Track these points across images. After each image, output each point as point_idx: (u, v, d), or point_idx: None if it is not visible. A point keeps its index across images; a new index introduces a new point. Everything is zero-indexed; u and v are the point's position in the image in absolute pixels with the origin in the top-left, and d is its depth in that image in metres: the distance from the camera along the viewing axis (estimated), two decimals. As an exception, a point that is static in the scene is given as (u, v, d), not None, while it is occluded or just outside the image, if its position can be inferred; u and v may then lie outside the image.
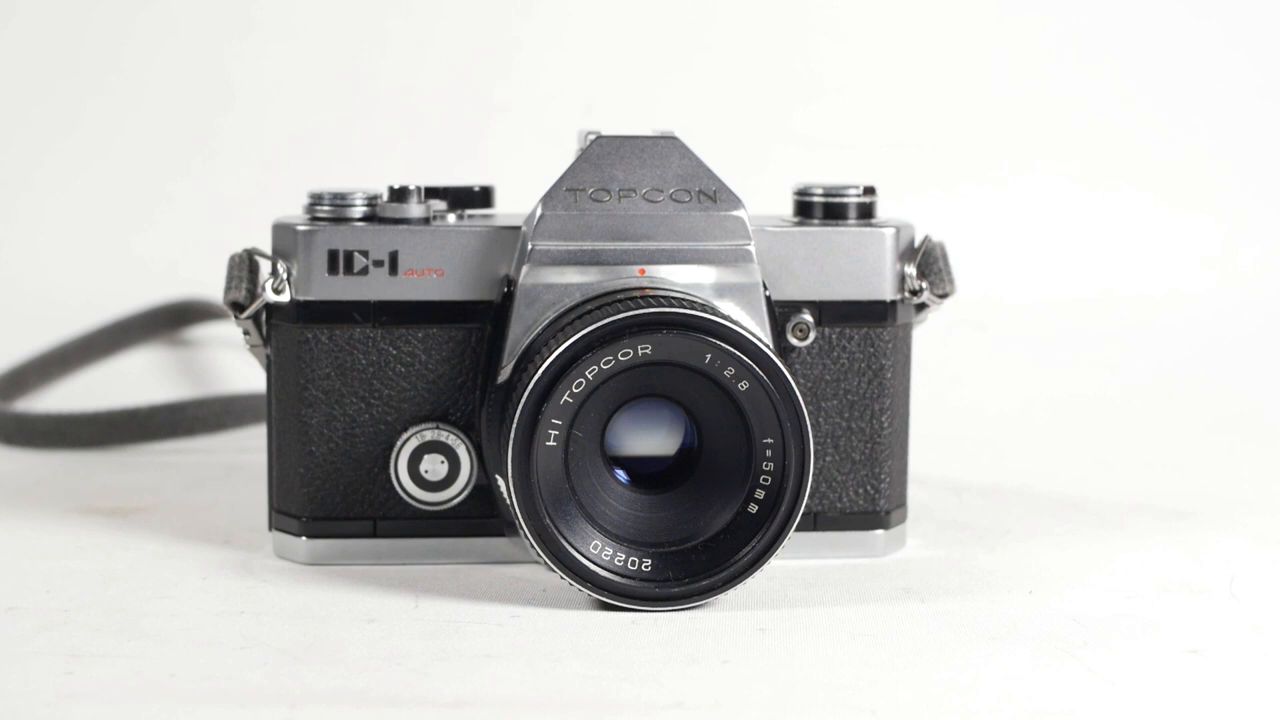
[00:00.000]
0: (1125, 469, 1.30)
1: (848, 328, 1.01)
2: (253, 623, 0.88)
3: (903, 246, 1.02)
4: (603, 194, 0.97)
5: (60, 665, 0.82)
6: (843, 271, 1.00)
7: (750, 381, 0.90)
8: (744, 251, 0.97)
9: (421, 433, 0.98)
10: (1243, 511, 1.16)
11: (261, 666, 0.82)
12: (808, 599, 0.94)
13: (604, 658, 0.85)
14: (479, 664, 0.84)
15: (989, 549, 1.05)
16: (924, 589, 0.96)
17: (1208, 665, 0.85)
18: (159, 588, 0.94)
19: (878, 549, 1.03)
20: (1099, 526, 1.12)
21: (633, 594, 0.91)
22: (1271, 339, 1.65)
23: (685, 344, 0.90)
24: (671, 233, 0.97)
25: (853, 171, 1.11)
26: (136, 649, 0.84)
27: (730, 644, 0.87)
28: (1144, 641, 0.88)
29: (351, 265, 0.97)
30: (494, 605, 0.93)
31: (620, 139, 0.97)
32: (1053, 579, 0.99)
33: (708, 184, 0.98)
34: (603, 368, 0.89)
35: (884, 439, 1.02)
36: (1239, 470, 1.30)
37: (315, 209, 0.99)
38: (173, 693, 0.79)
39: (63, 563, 0.99)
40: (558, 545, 0.90)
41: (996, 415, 1.47)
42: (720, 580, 0.91)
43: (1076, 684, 0.82)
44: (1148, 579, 1.00)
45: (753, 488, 0.91)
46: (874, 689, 0.81)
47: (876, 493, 1.02)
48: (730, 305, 0.95)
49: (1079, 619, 0.91)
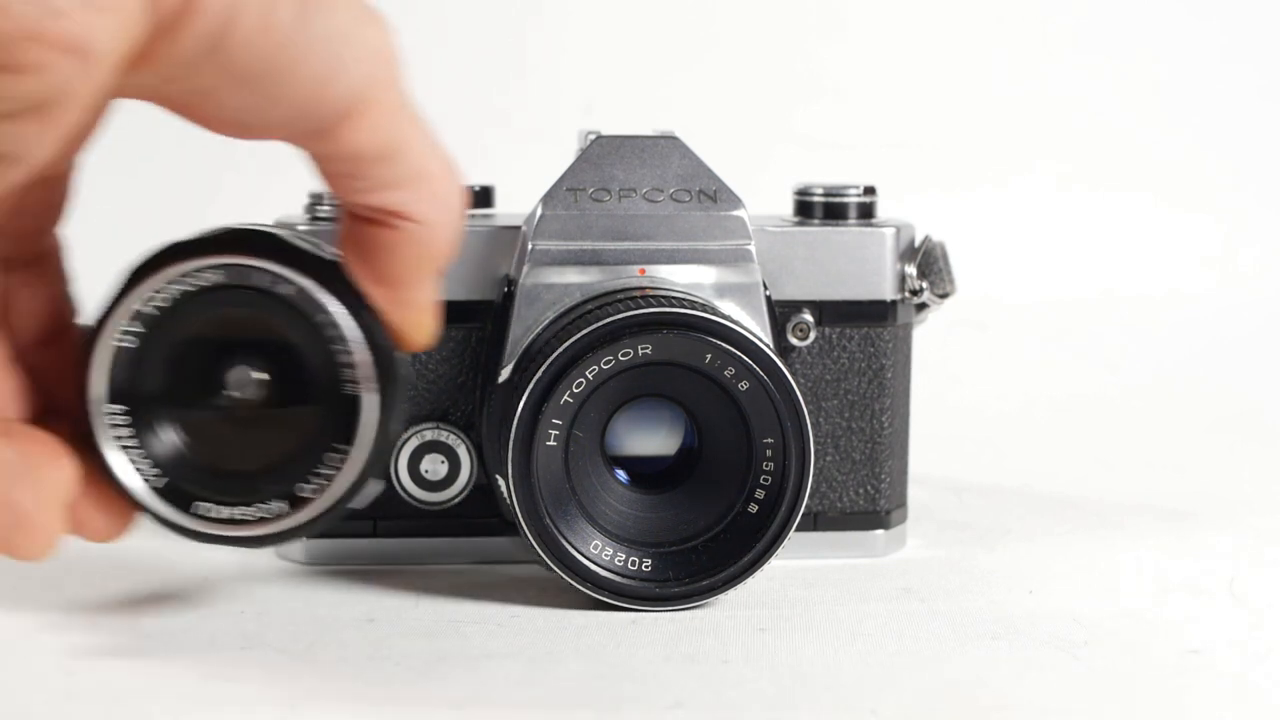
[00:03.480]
0: (1125, 469, 1.30)
1: (848, 328, 1.01)
2: (253, 623, 0.88)
3: (903, 246, 1.02)
4: (603, 194, 0.97)
5: (60, 665, 0.82)
6: (843, 271, 1.00)
7: (750, 381, 0.90)
8: (744, 251, 0.97)
9: (422, 432, 0.98)
10: (1243, 511, 1.16)
11: (261, 666, 0.82)
12: (808, 599, 0.94)
13: (604, 658, 0.85)
14: (479, 664, 0.84)
15: (989, 549, 1.05)
16: (924, 589, 0.96)
17: (1208, 665, 0.85)
18: (159, 588, 0.94)
19: (878, 549, 1.03)
20: (1099, 526, 1.12)
21: (633, 594, 0.91)
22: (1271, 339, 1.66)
23: (685, 344, 0.90)
24: (672, 232, 0.97)
25: (853, 171, 1.11)
26: (136, 649, 0.84)
27: (730, 644, 0.87)
28: (1144, 641, 0.88)
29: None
30: (494, 605, 0.93)
31: (620, 139, 0.97)
32: (1053, 579, 0.99)
33: (708, 184, 0.98)
34: (603, 368, 0.89)
35: (884, 439, 1.02)
36: (1239, 470, 1.30)
37: (315, 209, 1.00)
38: (173, 693, 0.79)
39: (63, 563, 0.99)
40: (558, 545, 0.90)
41: (996, 415, 1.47)
42: (721, 580, 0.91)
43: (1076, 684, 0.82)
44: (1148, 579, 1.00)
45: (753, 487, 0.91)
46: (874, 689, 0.81)
47: (877, 493, 1.02)
48: (731, 305, 0.95)
49: (1079, 619, 0.91)
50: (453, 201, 0.81)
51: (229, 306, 0.84)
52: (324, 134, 0.77)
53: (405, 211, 0.80)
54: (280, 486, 0.84)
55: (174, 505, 0.84)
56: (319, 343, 0.83)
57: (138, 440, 0.84)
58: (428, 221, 0.80)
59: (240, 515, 0.84)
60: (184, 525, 0.83)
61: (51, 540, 0.80)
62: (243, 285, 0.83)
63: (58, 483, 0.82)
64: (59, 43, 0.67)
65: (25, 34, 0.67)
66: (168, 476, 0.84)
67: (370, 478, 0.84)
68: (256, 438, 0.86)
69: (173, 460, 0.84)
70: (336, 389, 0.83)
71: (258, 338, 0.85)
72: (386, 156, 0.78)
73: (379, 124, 0.77)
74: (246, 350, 0.85)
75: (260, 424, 0.86)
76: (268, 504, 0.84)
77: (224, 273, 0.83)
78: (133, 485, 0.83)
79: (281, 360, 0.85)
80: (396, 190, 0.79)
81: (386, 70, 0.77)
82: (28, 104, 0.68)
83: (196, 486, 0.84)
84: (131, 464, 0.83)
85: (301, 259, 0.83)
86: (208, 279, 0.83)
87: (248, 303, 0.83)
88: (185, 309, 0.83)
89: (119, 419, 0.83)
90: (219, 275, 0.83)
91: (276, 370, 0.86)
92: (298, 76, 0.74)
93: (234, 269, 0.83)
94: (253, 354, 0.85)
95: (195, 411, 0.85)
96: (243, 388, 0.86)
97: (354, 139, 0.77)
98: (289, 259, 0.83)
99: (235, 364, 0.86)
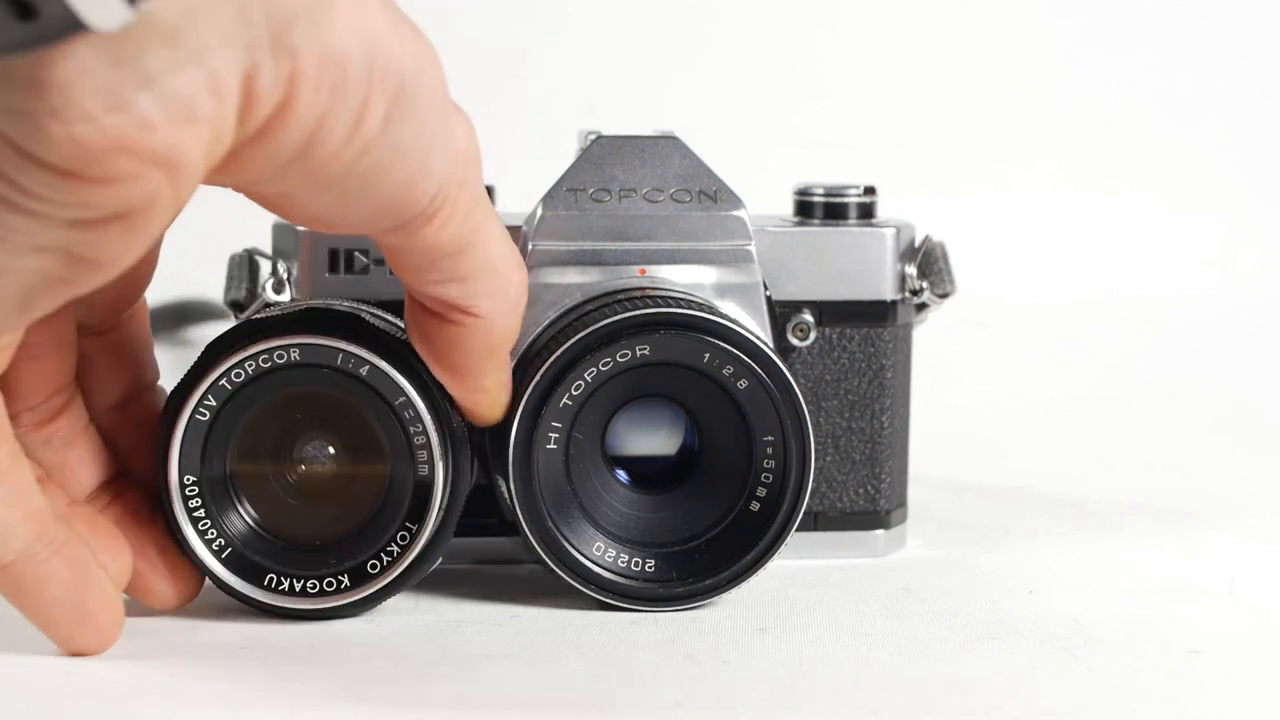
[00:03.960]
0: (1125, 469, 1.31)
1: (848, 328, 1.01)
2: (253, 623, 0.88)
3: (903, 246, 1.02)
4: (603, 194, 0.97)
5: (60, 665, 0.82)
6: (843, 271, 1.00)
7: (749, 380, 0.90)
8: (744, 251, 0.97)
9: (422, 433, 0.98)
10: (1243, 512, 1.16)
11: (261, 666, 0.82)
12: (808, 599, 0.94)
13: (604, 658, 0.85)
14: (479, 664, 0.84)
15: (989, 549, 1.05)
16: (924, 589, 0.96)
17: (1208, 665, 0.85)
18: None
19: (878, 549, 1.03)
20: (1099, 526, 1.12)
21: (636, 594, 0.91)
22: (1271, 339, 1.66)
23: (683, 344, 0.90)
24: (672, 233, 0.97)
25: (853, 171, 1.11)
26: (136, 649, 0.84)
27: (730, 644, 0.87)
28: (1144, 641, 0.88)
29: (352, 264, 0.97)
30: (494, 605, 0.93)
31: (621, 139, 0.97)
32: (1053, 579, 0.99)
33: (708, 184, 0.97)
34: (601, 369, 0.89)
35: (884, 439, 1.02)
36: (1239, 470, 1.30)
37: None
38: (172, 693, 0.79)
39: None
40: (561, 548, 0.90)
41: (996, 415, 1.47)
42: (724, 580, 0.91)
43: (1076, 684, 0.82)
44: (1148, 579, 1.00)
45: (754, 486, 0.91)
46: (874, 689, 0.81)
47: (877, 493, 1.02)
48: (731, 305, 0.95)
49: (1079, 619, 0.91)
50: (517, 294, 0.83)
51: (304, 384, 0.86)
52: (403, 230, 0.77)
53: (471, 307, 0.81)
54: (349, 561, 0.88)
55: (245, 578, 0.87)
56: (394, 423, 0.86)
57: (211, 513, 0.87)
58: (491, 317, 0.82)
59: (309, 588, 0.87)
60: (256, 598, 0.87)
61: (114, 634, 0.81)
62: (319, 365, 0.85)
63: (120, 575, 0.84)
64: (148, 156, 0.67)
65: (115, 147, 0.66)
66: (239, 549, 0.87)
67: (438, 551, 0.88)
68: (327, 512, 0.89)
69: (244, 533, 0.87)
70: (411, 468, 0.87)
71: (331, 414, 0.88)
72: (461, 251, 0.79)
73: (456, 220, 0.78)
74: (320, 426, 0.88)
75: (331, 499, 0.89)
76: (336, 577, 0.88)
77: (300, 351, 0.84)
78: (204, 557, 0.86)
79: (355, 437, 0.88)
80: (465, 283, 0.81)
81: (468, 170, 0.78)
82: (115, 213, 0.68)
83: (266, 559, 0.87)
84: (202, 537, 0.86)
85: (377, 339, 0.85)
86: (285, 357, 0.84)
87: (323, 381, 0.86)
88: (262, 385, 0.86)
89: (193, 492, 0.86)
90: (296, 354, 0.85)
91: (350, 446, 0.89)
92: (382, 183, 0.74)
93: (311, 348, 0.84)
94: (326, 430, 0.88)
95: (268, 485, 0.88)
96: (315, 462, 0.88)
97: (432, 235, 0.78)
98: (365, 340, 0.85)
99: (309, 439, 0.89)
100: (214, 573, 0.86)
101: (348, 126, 0.71)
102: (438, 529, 0.87)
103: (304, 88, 0.69)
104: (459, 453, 0.87)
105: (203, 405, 0.85)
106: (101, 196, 0.67)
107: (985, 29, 1.80)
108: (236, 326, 0.87)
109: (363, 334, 0.86)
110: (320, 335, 0.85)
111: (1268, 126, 1.80)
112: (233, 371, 0.85)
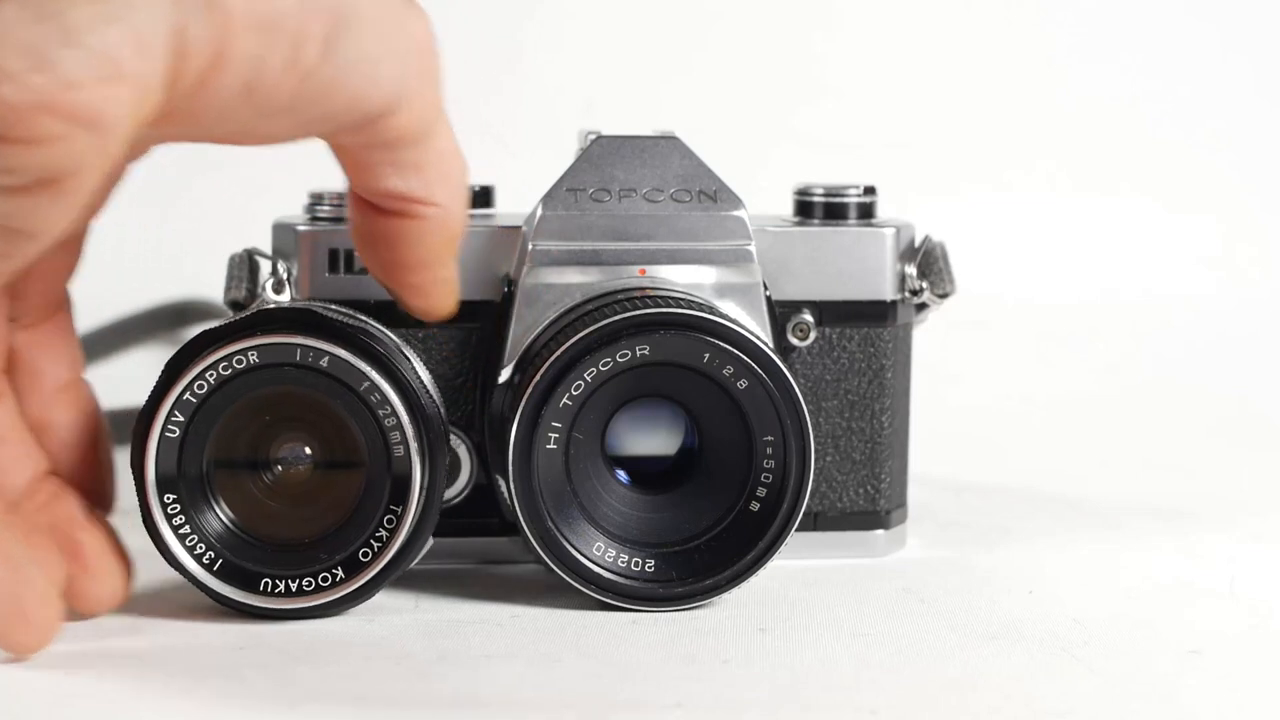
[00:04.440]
0: (1125, 469, 1.30)
1: (848, 328, 1.01)
2: (252, 623, 0.88)
3: (903, 246, 1.02)
4: (603, 194, 0.97)
5: (62, 665, 0.82)
6: (843, 271, 1.00)
7: (749, 380, 0.90)
8: (744, 251, 0.97)
9: (422, 433, 0.98)
10: (1242, 511, 1.16)
11: (261, 666, 0.82)
12: (808, 599, 0.94)
13: (604, 658, 0.85)
14: (479, 664, 0.84)
15: (989, 549, 1.05)
16: (924, 589, 0.96)
17: (1208, 665, 0.85)
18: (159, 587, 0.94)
19: (878, 549, 1.03)
20: (1099, 526, 1.12)
21: (636, 594, 0.91)
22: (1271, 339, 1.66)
23: (683, 344, 0.90)
24: (672, 233, 0.97)
25: (853, 171, 1.11)
26: (136, 649, 0.84)
27: (730, 644, 0.87)
28: (1144, 641, 0.88)
29: (352, 265, 0.97)
30: (494, 605, 0.93)
31: (621, 139, 0.97)
32: (1053, 579, 0.99)
33: (708, 184, 0.98)
34: (601, 369, 0.89)
35: (884, 439, 1.02)
36: (1239, 470, 1.30)
37: (315, 209, 0.99)
38: (173, 693, 0.79)
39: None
40: (561, 548, 0.90)
41: (996, 415, 1.47)
42: (724, 579, 0.91)
43: (1076, 684, 0.82)
44: (1148, 579, 1.00)
45: (754, 486, 0.91)
46: (874, 689, 0.81)
47: (877, 493, 1.02)
48: (731, 305, 0.95)
49: (1079, 619, 0.91)
50: (465, 181, 0.83)
51: (269, 385, 0.87)
52: (358, 130, 0.77)
53: (429, 198, 0.81)
54: (340, 553, 0.88)
55: (238, 585, 0.87)
56: (364, 410, 0.86)
57: (195, 525, 0.87)
58: (448, 205, 0.81)
59: (305, 586, 0.87)
60: (252, 605, 0.87)
61: (51, 632, 0.81)
62: (279, 363, 0.86)
63: (57, 574, 0.83)
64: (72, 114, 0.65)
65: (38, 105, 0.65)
66: (229, 557, 0.87)
67: (425, 534, 0.88)
68: (309, 508, 0.89)
69: (230, 540, 0.87)
70: (385, 453, 0.87)
71: (301, 411, 0.88)
72: (419, 141, 0.79)
73: (414, 113, 0.77)
74: (291, 425, 0.89)
75: (312, 494, 0.89)
76: (330, 571, 0.88)
77: (258, 353, 0.84)
78: (195, 571, 0.87)
79: (327, 431, 0.88)
80: (424, 172, 0.80)
81: (423, 62, 0.77)
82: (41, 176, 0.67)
83: (257, 564, 0.87)
84: (190, 551, 0.87)
85: (332, 330, 0.85)
86: (244, 361, 0.85)
87: (287, 379, 0.86)
88: (227, 392, 0.86)
89: (175, 510, 0.86)
90: (254, 356, 0.85)
91: (324, 440, 0.89)
92: (335, 98, 0.74)
93: (268, 348, 0.84)
94: (298, 428, 0.89)
95: (248, 490, 0.88)
96: (292, 463, 0.88)
97: (390, 129, 0.77)
98: (320, 332, 0.86)
99: (282, 439, 0.89)
100: (207, 585, 0.87)
101: (286, 59, 0.71)
102: (423, 508, 0.87)
103: (236, 35, 0.69)
104: (432, 430, 0.87)
105: (171, 422, 0.85)
106: (26, 159, 0.66)
107: (985, 29, 1.80)
108: (191, 339, 0.87)
109: (317, 326, 0.86)
110: (275, 334, 0.85)
111: (1267, 126, 1.80)
112: (195, 384, 0.85)
